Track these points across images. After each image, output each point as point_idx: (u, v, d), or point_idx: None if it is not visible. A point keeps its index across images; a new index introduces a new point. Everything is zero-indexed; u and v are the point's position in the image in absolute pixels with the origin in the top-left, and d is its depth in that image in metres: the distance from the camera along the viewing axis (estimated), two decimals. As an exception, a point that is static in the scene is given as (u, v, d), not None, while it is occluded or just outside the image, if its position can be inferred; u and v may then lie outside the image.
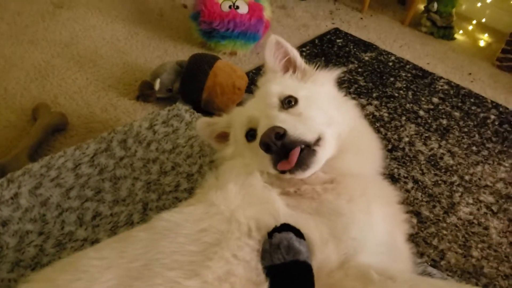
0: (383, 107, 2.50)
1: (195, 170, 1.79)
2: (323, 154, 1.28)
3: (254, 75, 2.58)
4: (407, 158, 2.18)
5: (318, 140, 1.28)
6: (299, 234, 1.11)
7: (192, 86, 2.21)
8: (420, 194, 2.00)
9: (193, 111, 2.07)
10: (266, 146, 1.22)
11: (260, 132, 1.26)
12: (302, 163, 1.23)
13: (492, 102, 2.65)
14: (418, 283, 1.08)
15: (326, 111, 1.38)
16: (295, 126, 1.25)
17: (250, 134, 1.38)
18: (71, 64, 2.56)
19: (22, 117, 2.18)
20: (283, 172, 1.26)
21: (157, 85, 2.24)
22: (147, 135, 1.89)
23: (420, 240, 1.79)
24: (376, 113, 2.45)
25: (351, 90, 2.61)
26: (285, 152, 1.22)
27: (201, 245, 1.09)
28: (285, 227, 1.12)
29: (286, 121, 1.26)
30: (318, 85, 1.49)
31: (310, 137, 1.26)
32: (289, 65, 1.55)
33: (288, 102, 1.36)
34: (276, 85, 1.43)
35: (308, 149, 1.24)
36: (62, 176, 1.69)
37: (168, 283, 1.00)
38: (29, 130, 2.02)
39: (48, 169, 1.70)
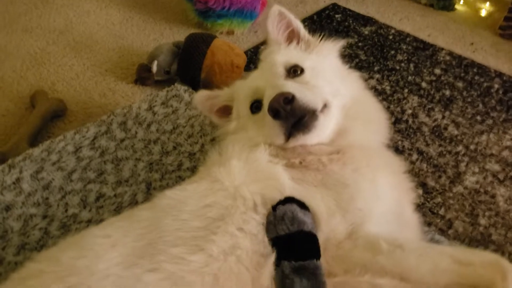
0: (384, 80, 2.47)
1: (197, 149, 1.77)
2: (326, 121, 1.27)
3: (253, 54, 2.55)
4: (411, 130, 2.15)
5: (323, 108, 1.27)
6: (303, 206, 1.11)
7: (189, 66, 2.18)
8: (425, 165, 1.97)
9: (192, 91, 2.05)
10: (274, 112, 1.20)
11: (266, 101, 1.25)
12: (304, 127, 1.22)
13: (495, 71, 2.61)
14: (427, 251, 1.06)
15: (331, 82, 1.37)
16: (304, 92, 1.24)
17: (255, 106, 1.36)
18: (67, 51, 2.53)
19: (20, 105, 2.16)
20: (287, 139, 1.24)
21: (154, 68, 2.21)
22: (146, 116, 1.87)
23: (427, 211, 1.77)
24: (378, 87, 2.42)
25: (352, 64, 2.57)
26: (293, 120, 1.21)
27: (205, 221, 1.08)
28: (289, 200, 1.11)
29: (293, 87, 1.24)
30: (323, 56, 1.48)
31: (317, 104, 1.25)
32: (292, 36, 1.53)
33: (294, 72, 1.35)
34: (281, 55, 1.42)
35: (312, 114, 1.23)
36: (63, 159, 1.67)
37: (172, 259, 1.00)
38: (28, 118, 2.01)
39: (49, 154, 1.68)
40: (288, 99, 1.19)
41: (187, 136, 1.82)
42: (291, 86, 1.25)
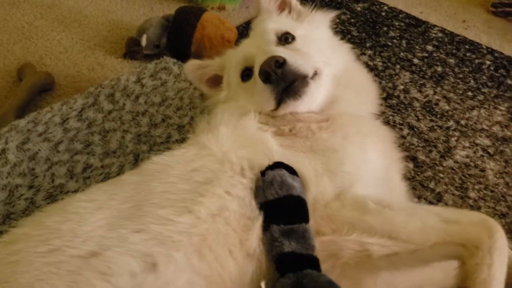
0: (377, 56, 2.46)
1: (186, 121, 1.75)
2: (317, 89, 1.27)
3: (244, 29, 2.51)
4: (402, 106, 2.14)
5: (314, 75, 1.27)
6: (292, 171, 1.11)
7: (179, 40, 2.15)
8: (416, 139, 1.97)
9: (182, 64, 2.02)
10: (265, 75, 1.20)
11: (257, 67, 1.24)
12: (295, 92, 1.22)
13: (487, 48, 2.60)
14: (416, 210, 1.07)
15: (322, 51, 1.37)
16: (295, 57, 1.24)
17: (246, 74, 1.36)
18: (55, 25, 2.49)
19: (7, 78, 2.13)
20: (278, 104, 1.24)
21: (143, 41, 2.18)
22: (135, 88, 1.85)
23: (417, 184, 1.77)
24: (370, 63, 2.40)
25: (344, 41, 2.54)
26: (284, 85, 1.20)
27: (192, 184, 1.08)
28: (278, 165, 1.11)
29: (285, 53, 1.24)
30: (314, 26, 1.47)
31: (308, 70, 1.25)
32: (284, 6, 1.53)
33: (285, 39, 1.35)
34: (273, 23, 1.41)
35: (302, 80, 1.23)
36: (50, 131, 1.65)
37: (159, 220, 1.00)
38: (15, 91, 1.98)
39: (35, 125, 1.66)
40: (279, 62, 1.19)
41: (176, 108, 1.80)
42: (281, 51, 1.24)
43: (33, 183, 1.49)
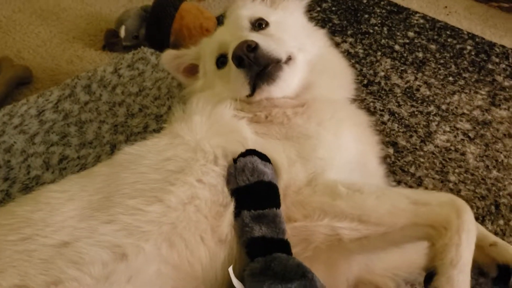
0: (358, 43, 2.45)
1: (163, 111, 1.75)
2: (291, 73, 1.28)
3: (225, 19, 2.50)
4: (383, 92, 2.14)
5: (288, 60, 1.27)
6: (264, 157, 1.11)
7: (158, 30, 2.14)
8: (396, 125, 1.97)
9: (159, 54, 2.01)
10: (238, 60, 1.20)
11: (231, 53, 1.24)
12: (269, 76, 1.22)
13: (468, 33, 2.60)
14: (385, 192, 1.08)
15: (296, 37, 1.37)
16: (268, 42, 1.24)
17: (221, 61, 1.36)
18: (33, 19, 2.47)
19: (-16, 72, 2.10)
20: (253, 90, 1.24)
21: (122, 33, 2.17)
22: (111, 79, 1.84)
23: (397, 169, 1.77)
24: (351, 50, 2.40)
25: (325, 29, 2.53)
26: (258, 69, 1.21)
27: (164, 173, 1.08)
28: (250, 152, 1.11)
29: (258, 37, 1.24)
30: (288, 12, 1.48)
31: (282, 54, 1.25)
32: None
33: (259, 25, 1.35)
34: (246, 9, 1.42)
35: (276, 65, 1.23)
36: (25, 123, 1.64)
37: (129, 210, 1.00)
38: (-8, 84, 1.96)
39: (11, 117, 1.65)
40: (251, 47, 1.19)
41: (153, 98, 1.79)
42: (254, 36, 1.25)
43: (8, 175, 1.49)
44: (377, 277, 1.23)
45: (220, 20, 2.41)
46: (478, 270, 1.29)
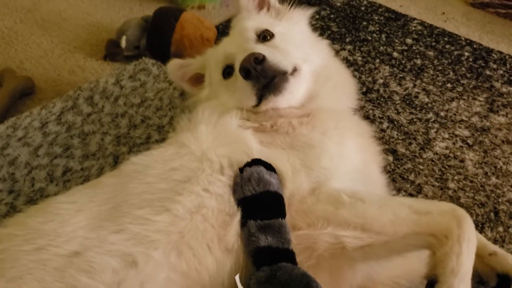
0: (356, 51, 2.47)
1: (165, 122, 1.76)
2: (297, 84, 1.30)
3: (225, 28, 2.52)
4: (382, 99, 2.16)
5: (294, 71, 1.29)
6: (269, 167, 1.13)
7: (159, 40, 2.16)
8: (395, 132, 1.99)
9: (161, 64, 2.03)
10: (246, 72, 1.22)
11: (237, 64, 1.26)
12: (275, 88, 1.24)
13: (466, 39, 2.62)
14: (387, 202, 1.10)
15: (301, 48, 1.40)
16: (274, 54, 1.26)
17: (227, 72, 1.38)
18: (35, 29, 2.49)
19: (-13, 84, 2.12)
20: (259, 100, 1.26)
21: (123, 43, 2.18)
22: (114, 90, 1.86)
23: (397, 176, 1.79)
24: (350, 58, 2.42)
25: (324, 36, 2.54)
26: (265, 81, 1.23)
27: (170, 183, 1.10)
28: (256, 162, 1.13)
29: (264, 50, 1.27)
30: (293, 23, 1.50)
31: (288, 66, 1.27)
32: (262, 4, 1.56)
33: (264, 37, 1.38)
34: (252, 21, 1.44)
35: (282, 76, 1.25)
36: (29, 135, 1.66)
37: (137, 220, 1.02)
38: (-5, 96, 1.98)
39: (15, 130, 1.67)
40: (259, 59, 1.21)
41: (155, 109, 1.80)
42: (261, 49, 1.27)
43: (13, 188, 1.50)
44: (379, 285, 1.25)
45: (219, 30, 2.43)
46: (478, 279, 1.31)
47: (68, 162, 1.58)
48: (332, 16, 2.76)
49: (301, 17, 1.54)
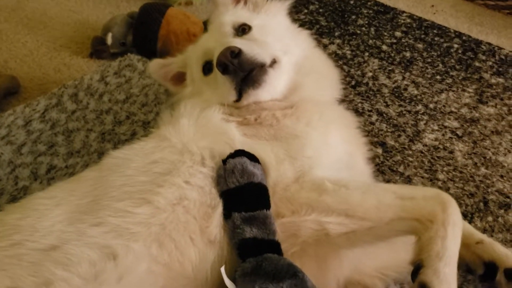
0: (345, 45, 2.46)
1: (151, 118, 1.75)
2: (277, 76, 1.29)
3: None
4: (371, 92, 2.15)
5: (273, 63, 1.28)
6: (253, 158, 1.12)
7: (145, 37, 2.14)
8: (384, 125, 1.98)
9: (146, 60, 2.01)
10: (223, 66, 1.21)
11: (215, 60, 1.25)
12: (254, 81, 1.24)
13: (455, 31, 2.62)
14: (371, 188, 1.10)
15: (281, 39, 1.39)
16: (251, 47, 1.25)
17: (207, 68, 1.37)
18: (19, 28, 2.46)
19: (-29, 84, 2.10)
20: (239, 95, 1.25)
21: (109, 40, 2.16)
22: (98, 87, 1.84)
23: (386, 169, 1.78)
24: (339, 52, 2.41)
25: (313, 31, 2.54)
26: (243, 75, 1.22)
27: (151, 175, 1.09)
28: (239, 153, 1.12)
29: (241, 43, 1.26)
30: (271, 15, 1.49)
31: (266, 58, 1.26)
32: None
33: (242, 30, 1.37)
34: (229, 15, 1.43)
35: (260, 69, 1.24)
36: (12, 133, 1.64)
37: (117, 213, 1.01)
38: (-21, 96, 1.95)
39: (-3, 128, 1.65)
40: (235, 53, 1.20)
41: (141, 105, 1.79)
42: (238, 42, 1.26)
43: (-5, 187, 1.48)
44: (366, 277, 1.24)
45: (206, 25, 2.41)
46: (465, 268, 1.30)
47: (53, 160, 1.56)
48: (320, 10, 2.75)
49: (279, 9, 1.53)
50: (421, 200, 1.02)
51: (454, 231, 0.97)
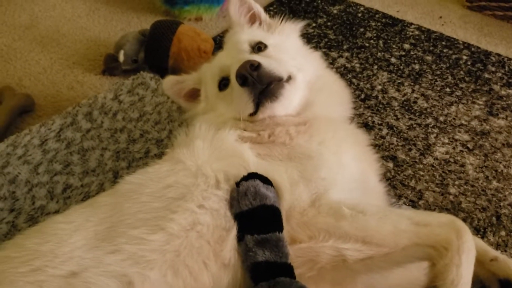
0: (354, 58, 2.48)
1: (164, 135, 1.77)
2: (292, 91, 1.32)
3: (222, 39, 2.53)
4: (381, 106, 2.16)
5: (289, 79, 1.32)
6: (266, 180, 1.13)
7: (156, 54, 2.17)
8: (395, 139, 1.99)
9: (159, 78, 2.04)
10: (242, 78, 1.24)
11: (233, 75, 1.28)
12: (272, 94, 1.27)
13: (463, 43, 2.63)
14: (387, 214, 1.10)
15: (295, 58, 1.43)
16: (269, 61, 1.29)
17: (223, 84, 1.40)
18: (33, 46, 2.51)
19: (-14, 102, 2.14)
20: (256, 108, 1.28)
21: (121, 57, 2.20)
22: (112, 105, 1.87)
23: (397, 183, 1.79)
24: (348, 65, 2.42)
25: (321, 44, 2.57)
26: (261, 88, 1.25)
27: (165, 201, 1.10)
28: (252, 175, 1.13)
29: (259, 58, 1.30)
30: (285, 35, 1.53)
31: (283, 73, 1.30)
32: (254, 19, 1.59)
33: (258, 48, 1.40)
34: (245, 34, 1.47)
35: (278, 83, 1.28)
36: (29, 153, 1.67)
37: (133, 240, 1.03)
38: (-5, 114, 1.99)
39: (15, 148, 1.68)
40: (254, 66, 1.23)
41: (154, 123, 1.81)
42: (256, 57, 1.30)
43: (14, 206, 1.51)
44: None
45: (217, 41, 2.44)
46: (479, 285, 1.31)
47: (68, 179, 1.59)
48: (329, 23, 2.77)
49: (292, 29, 1.57)
50: (436, 226, 1.03)
51: (468, 259, 0.99)
